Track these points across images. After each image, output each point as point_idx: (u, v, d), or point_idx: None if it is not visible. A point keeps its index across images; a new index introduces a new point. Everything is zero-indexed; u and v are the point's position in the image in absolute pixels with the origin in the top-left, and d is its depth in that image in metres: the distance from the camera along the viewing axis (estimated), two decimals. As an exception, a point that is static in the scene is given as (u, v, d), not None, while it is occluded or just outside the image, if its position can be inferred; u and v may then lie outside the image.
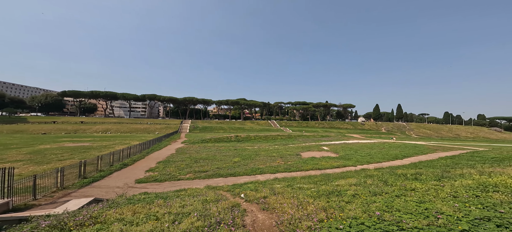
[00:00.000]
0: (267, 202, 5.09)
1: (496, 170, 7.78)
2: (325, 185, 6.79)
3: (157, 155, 20.38)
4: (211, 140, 34.44)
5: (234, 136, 38.01)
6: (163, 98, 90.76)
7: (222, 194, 6.65)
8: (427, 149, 22.70)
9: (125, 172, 13.56)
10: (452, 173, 7.59)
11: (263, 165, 15.30)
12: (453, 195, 4.19)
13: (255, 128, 68.73)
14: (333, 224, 3.05)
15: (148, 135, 48.16)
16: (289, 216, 3.76)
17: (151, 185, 10.89)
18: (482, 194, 4.08)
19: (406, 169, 9.24)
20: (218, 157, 18.78)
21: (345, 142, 31.33)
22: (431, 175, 7.05)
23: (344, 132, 66.01)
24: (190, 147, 26.44)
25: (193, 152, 22.08)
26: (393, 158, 17.73)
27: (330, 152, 21.14)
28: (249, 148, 24.90)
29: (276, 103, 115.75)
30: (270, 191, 6.29)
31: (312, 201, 4.71)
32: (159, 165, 15.61)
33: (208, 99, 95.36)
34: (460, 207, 3.10)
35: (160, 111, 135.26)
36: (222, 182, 10.87)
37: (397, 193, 4.66)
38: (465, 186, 4.95)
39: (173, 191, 7.92)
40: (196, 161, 17.17)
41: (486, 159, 14.78)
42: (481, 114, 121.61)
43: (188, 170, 13.89)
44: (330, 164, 14.99)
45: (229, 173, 13.15)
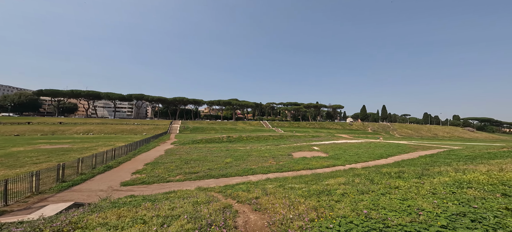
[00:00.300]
0: (259, 202, 5.09)
1: (469, 167, 8.44)
2: (316, 185, 6.94)
3: (145, 156, 19.63)
4: (202, 141, 33.83)
5: (226, 137, 37.66)
6: (151, 98, 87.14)
7: (213, 195, 6.55)
8: (409, 148, 24.08)
9: (109, 174, 12.90)
10: (431, 171, 8.11)
11: (255, 166, 15.32)
12: (432, 192, 4.48)
13: (247, 129, 68.60)
14: (324, 224, 3.13)
15: (135, 136, 46.27)
16: (281, 217, 3.78)
17: (138, 187, 10.46)
18: (457, 191, 4.41)
19: (390, 168, 9.72)
20: (210, 158, 18.50)
21: (334, 142, 32.30)
22: (412, 173, 7.49)
23: (334, 132, 68.01)
24: (180, 148, 25.77)
25: (183, 153, 21.54)
26: (379, 157, 18.58)
27: (320, 152, 21.67)
28: (241, 149, 24.80)
29: (268, 104, 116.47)
30: (262, 192, 6.30)
31: (303, 201, 4.78)
32: (147, 167, 15.05)
33: (199, 99, 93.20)
34: (439, 203, 3.33)
35: (148, 112, 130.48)
36: (213, 183, 10.72)
37: (383, 191, 4.89)
38: (443, 183, 5.31)
39: (162, 193, 7.67)
40: (186, 162, 16.78)
41: (461, 157, 15.98)
42: (456, 115, 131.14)
43: (178, 172, 13.53)
44: (320, 164, 15.37)
45: (220, 174, 13.00)
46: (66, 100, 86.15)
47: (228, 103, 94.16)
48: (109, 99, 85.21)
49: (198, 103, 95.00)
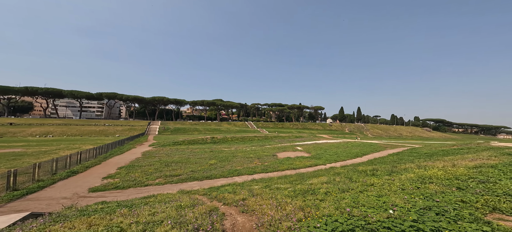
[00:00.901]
0: (246, 204, 5.06)
1: (429, 164, 9.62)
2: (301, 185, 7.16)
3: (118, 160, 18.07)
4: (185, 142, 32.40)
5: (210, 138, 36.68)
6: (126, 97, 79.83)
7: (198, 198, 6.32)
8: (380, 147, 26.47)
9: (74, 180, 11.59)
10: (398, 168, 9.04)
11: (241, 167, 15.24)
12: (402, 188, 5.01)
13: (232, 129, 67.82)
14: (311, 223, 3.24)
15: (106, 138, 42.20)
16: (269, 218, 3.79)
17: (111, 193, 9.58)
18: (421, 186, 5.00)
19: (365, 166, 10.57)
20: (193, 160, 17.83)
21: (316, 142, 33.86)
22: (384, 171, 8.24)
23: (315, 133, 71.26)
24: (159, 150, 24.30)
25: (164, 156, 20.38)
26: (355, 156, 20.04)
27: (303, 152, 22.51)
28: (226, 150, 24.43)
29: (253, 105, 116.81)
30: (249, 193, 6.28)
31: (290, 201, 4.86)
32: (120, 170, 13.88)
33: (181, 99, 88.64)
34: (408, 198, 3.75)
35: (121, 112, 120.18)
36: (197, 186, 10.36)
37: (361, 189, 5.30)
38: (409, 179, 5.97)
39: (140, 198, 7.14)
40: (167, 165, 15.91)
41: (421, 154, 18.11)
42: (417, 116, 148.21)
43: (157, 175, 12.77)
44: (303, 164, 15.96)
45: (205, 176, 12.64)
46: (18, 98, 74.11)
47: (213, 103, 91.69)
48: (73, 97, 75.48)
49: (180, 103, 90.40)
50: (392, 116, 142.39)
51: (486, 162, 8.74)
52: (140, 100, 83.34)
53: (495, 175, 5.82)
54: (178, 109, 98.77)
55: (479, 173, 6.18)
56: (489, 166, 7.51)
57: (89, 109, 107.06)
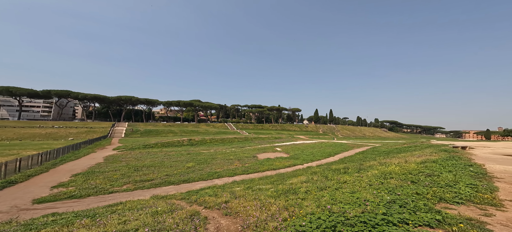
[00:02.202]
0: (229, 206, 4.96)
1: (387, 161, 11.04)
2: (282, 185, 7.35)
3: (72, 166, 15.76)
4: (158, 144, 30.01)
5: (187, 140, 34.76)
6: (83, 96, 69.11)
7: (175, 203, 5.92)
8: (349, 147, 29.20)
9: (11, 191, 9.69)
10: (365, 165, 10.14)
11: (221, 169, 14.90)
12: (369, 184, 5.63)
13: (210, 131, 65.58)
14: (296, 222, 3.35)
15: (56, 142, 35.95)
16: (254, 219, 3.76)
17: (64, 203, 8.28)
18: (384, 181, 5.72)
19: (338, 165, 11.53)
20: (167, 163, 16.67)
21: (294, 143, 35.35)
22: (354, 169, 9.14)
23: (293, 134, 74.31)
24: (127, 154, 22.00)
25: (132, 160, 18.54)
26: (328, 155, 21.64)
27: (282, 153, 23.24)
28: (205, 152, 23.56)
29: (233, 106, 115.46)
30: (231, 195, 6.18)
31: (273, 201, 4.92)
32: (76, 178, 12.15)
33: (153, 99, 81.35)
34: (376, 193, 4.26)
35: (76, 112, 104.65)
36: (173, 190, 9.72)
37: (336, 186, 5.75)
38: (374, 176, 6.74)
39: (104, 207, 6.34)
40: (136, 169, 14.54)
41: (381, 152, 20.65)
42: (376, 118, 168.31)
43: (125, 181, 11.56)
44: (283, 164, 16.48)
45: (181, 179, 11.95)
46: None
47: (190, 104, 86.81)
48: (10, 95, 61.62)
49: (152, 103, 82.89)
50: (358, 118, 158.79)
51: (429, 158, 10.50)
52: (101, 99, 73.22)
53: (437, 169, 7.03)
54: (149, 110, 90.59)
55: (426, 168, 7.38)
56: (432, 161, 9.04)
57: (32, 109, 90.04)
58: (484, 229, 2.68)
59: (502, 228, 2.75)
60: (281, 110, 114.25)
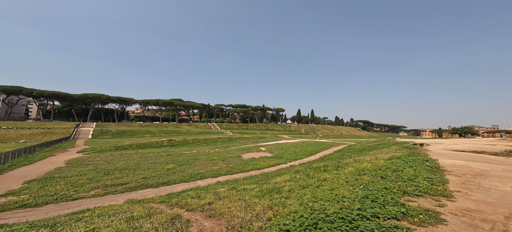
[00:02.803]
0: (213, 208, 4.84)
1: (361, 158, 12.04)
2: (266, 184, 7.45)
3: (25, 172, 13.82)
4: (132, 146, 27.81)
5: (166, 141, 32.89)
6: (39, 93, 59.47)
7: (154, 207, 5.57)
8: (328, 146, 30.98)
9: None
10: (342, 163, 10.88)
11: (204, 170, 14.49)
12: (346, 180, 6.07)
13: (193, 131, 63.10)
14: (280, 221, 3.43)
15: (3, 145, 30.72)
16: (239, 220, 3.74)
17: (15, 213, 7.26)
18: (359, 178, 6.22)
19: (318, 163, 12.15)
20: (144, 166, 15.62)
21: (278, 142, 36.10)
22: (332, 166, 9.73)
23: (277, 133, 75.89)
24: (95, 157, 20.00)
25: (102, 163, 16.95)
26: (310, 154, 22.64)
27: (267, 153, 23.56)
28: (187, 153, 22.62)
29: (216, 105, 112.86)
30: (215, 196, 6.05)
31: (258, 201, 4.94)
32: (30, 185, 10.72)
33: (127, 98, 74.34)
34: (352, 190, 4.61)
35: (30, 111, 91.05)
36: (151, 194, 9.15)
37: (317, 184, 6.06)
38: (350, 173, 7.28)
39: (67, 214, 5.68)
40: (107, 173, 13.35)
41: (355, 150, 22.39)
42: (352, 118, 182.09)
43: (93, 186, 10.55)
44: (267, 164, 16.72)
45: (161, 182, 11.31)
46: None
47: (170, 103, 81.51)
48: None
49: (126, 102, 75.61)
50: (336, 118, 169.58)
51: (395, 154, 11.75)
52: (62, 97, 63.87)
53: (401, 165, 7.91)
54: (123, 109, 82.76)
55: (392, 164, 8.23)
56: (397, 158, 10.13)
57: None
58: (438, 218, 3.12)
59: (452, 216, 3.24)
60: (266, 110, 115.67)
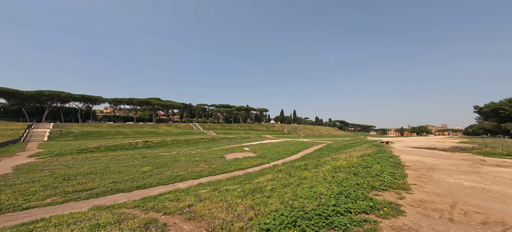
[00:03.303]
0: (193, 210, 4.65)
1: (338, 156, 12.91)
2: (249, 184, 7.47)
3: None
4: (100, 148, 25.15)
5: (142, 142, 30.53)
6: None
7: (126, 212, 5.13)
8: (309, 145, 32.45)
9: None
10: (321, 161, 11.52)
11: (184, 172, 13.88)
12: (324, 178, 6.43)
13: (173, 132, 59.62)
14: (261, 220, 3.47)
15: None
16: (220, 221, 3.68)
17: None
18: (335, 175, 6.66)
19: (299, 162, 12.65)
20: (115, 169, 14.31)
21: (261, 142, 36.46)
22: (312, 165, 10.23)
23: (261, 133, 76.52)
24: (52, 161, 17.64)
25: (61, 167, 15.07)
26: (292, 153, 23.40)
27: (250, 153, 23.59)
28: (165, 154, 21.37)
29: (198, 105, 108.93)
30: (196, 198, 5.85)
31: (240, 202, 4.92)
32: None
33: (93, 96, 66.34)
34: (329, 187, 4.91)
35: None
36: (123, 198, 8.45)
37: (298, 182, 6.29)
38: (328, 170, 7.74)
39: (15, 226, 4.94)
40: (68, 178, 11.92)
41: (333, 149, 23.93)
42: (330, 118, 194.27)
43: (49, 193, 9.33)
44: (250, 164, 16.75)
45: (134, 186, 10.49)
46: None
47: (146, 102, 74.90)
48: None
49: (93, 100, 67.52)
50: (316, 118, 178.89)
51: (366, 152, 12.90)
52: (10, 94, 53.86)
53: (370, 161, 8.71)
54: (88, 108, 73.96)
55: (363, 161, 9.01)
56: (367, 155, 11.14)
57: None
58: (399, 210, 3.52)
59: (410, 208, 3.68)
60: (250, 110, 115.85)
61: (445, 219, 3.16)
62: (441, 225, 2.97)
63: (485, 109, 55.52)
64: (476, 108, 60.54)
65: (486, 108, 55.07)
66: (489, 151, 14.34)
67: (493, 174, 6.59)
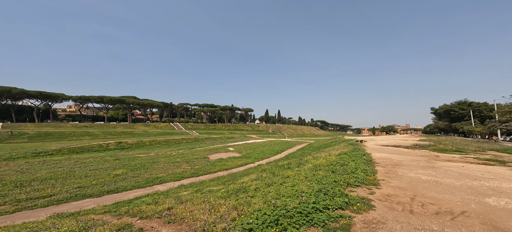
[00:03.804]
0: (173, 213, 4.45)
1: (318, 155, 13.60)
2: (233, 184, 7.41)
3: None
4: (62, 151, 22.37)
5: (114, 143, 27.98)
6: None
7: (94, 218, 4.68)
8: (292, 144, 33.48)
9: None
10: (303, 160, 11.99)
11: (164, 173, 13.17)
12: (305, 176, 6.71)
13: (151, 132, 55.79)
14: (244, 220, 3.46)
15: None
16: (202, 223, 3.57)
17: None
18: (315, 173, 6.99)
19: (283, 161, 12.97)
20: (80, 173, 12.95)
21: (246, 142, 36.41)
22: (295, 164, 10.59)
23: (246, 133, 76.34)
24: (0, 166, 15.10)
25: (11, 173, 13.17)
26: (276, 153, 23.86)
27: (235, 153, 23.38)
28: (142, 156, 19.97)
29: (180, 104, 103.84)
30: (176, 200, 5.60)
31: (223, 202, 4.85)
32: None
33: (54, 93, 58.16)
34: (310, 185, 5.14)
35: None
36: (90, 204, 7.71)
37: (281, 181, 6.45)
38: (309, 169, 8.09)
39: None
40: (20, 185, 10.53)
41: (314, 148, 25.10)
42: (312, 118, 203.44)
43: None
44: (235, 164, 16.60)
45: (105, 190, 9.63)
46: None
47: (120, 101, 68.11)
48: None
49: (53, 98, 59.40)
50: (299, 118, 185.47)
51: (343, 151, 13.84)
52: None
53: (347, 159, 9.36)
54: (47, 107, 65.05)
55: (340, 159, 9.65)
56: (344, 153, 11.95)
57: None
58: (370, 205, 3.86)
59: (379, 202, 4.07)
60: (235, 110, 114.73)
61: (406, 211, 3.57)
62: (403, 217, 3.34)
63: (439, 110, 64.22)
64: (432, 110, 69.70)
65: (440, 109, 63.74)
66: (442, 148, 16.61)
67: (445, 169, 7.66)
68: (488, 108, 50.17)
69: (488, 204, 3.86)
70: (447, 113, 60.03)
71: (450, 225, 3.03)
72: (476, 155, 11.82)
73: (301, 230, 2.97)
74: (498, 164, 8.62)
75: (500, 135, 33.80)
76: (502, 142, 27.97)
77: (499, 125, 30.71)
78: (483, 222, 3.10)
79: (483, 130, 38.69)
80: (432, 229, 2.91)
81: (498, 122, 31.52)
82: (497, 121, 32.10)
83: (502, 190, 4.77)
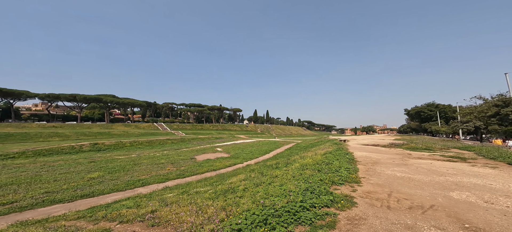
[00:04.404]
0: (157, 216, 4.24)
1: (305, 154, 14.01)
2: (221, 185, 7.32)
3: None
4: (27, 153, 20.20)
5: (89, 145, 25.80)
6: None
7: (65, 225, 4.30)
8: (280, 144, 34.02)
9: None
10: (291, 159, 12.26)
11: (147, 175, 12.52)
12: (293, 175, 6.86)
13: (132, 133, 52.36)
14: (233, 221, 3.43)
15: None
16: (189, 225, 3.47)
17: None
18: (302, 172, 7.19)
19: (271, 161, 13.12)
20: (47, 178, 11.84)
21: (234, 142, 36.12)
22: (283, 163, 10.78)
23: (234, 133, 75.66)
24: None
25: None
26: (265, 153, 24.05)
27: (223, 153, 23.06)
28: (121, 158, 18.77)
29: (165, 104, 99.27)
30: (161, 203, 5.35)
31: (211, 203, 4.77)
32: None
33: (16, 90, 52.13)
34: (297, 184, 5.27)
35: None
36: (61, 210, 7.09)
37: (269, 181, 6.51)
38: (297, 168, 8.29)
39: None
40: None
41: (302, 148, 25.80)
42: (299, 118, 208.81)
43: None
44: (223, 164, 16.38)
45: (78, 194, 8.94)
46: None
47: (97, 99, 62.22)
48: None
49: (15, 95, 52.97)
50: (287, 118, 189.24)
51: (328, 150, 14.43)
52: None
53: (332, 158, 9.78)
54: (8, 105, 57.79)
55: (326, 158, 10.05)
56: (329, 153, 12.47)
57: None
58: (352, 202, 4.08)
59: (360, 199, 4.32)
60: (223, 110, 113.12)
61: (384, 207, 3.84)
62: (381, 212, 3.59)
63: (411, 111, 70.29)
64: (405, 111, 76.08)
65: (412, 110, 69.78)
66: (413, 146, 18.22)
67: (416, 166, 8.42)
68: (452, 109, 56.11)
69: (452, 198, 4.32)
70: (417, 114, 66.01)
71: (421, 218, 3.34)
72: (442, 153, 13.18)
73: (290, 229, 3.03)
74: (460, 161, 9.71)
75: (461, 134, 38.11)
76: (463, 141, 31.67)
77: (461, 125, 34.51)
78: (448, 215, 3.47)
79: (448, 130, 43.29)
80: (406, 223, 3.18)
81: (460, 123, 35.41)
82: (459, 122, 36.05)
83: (464, 185, 5.38)
